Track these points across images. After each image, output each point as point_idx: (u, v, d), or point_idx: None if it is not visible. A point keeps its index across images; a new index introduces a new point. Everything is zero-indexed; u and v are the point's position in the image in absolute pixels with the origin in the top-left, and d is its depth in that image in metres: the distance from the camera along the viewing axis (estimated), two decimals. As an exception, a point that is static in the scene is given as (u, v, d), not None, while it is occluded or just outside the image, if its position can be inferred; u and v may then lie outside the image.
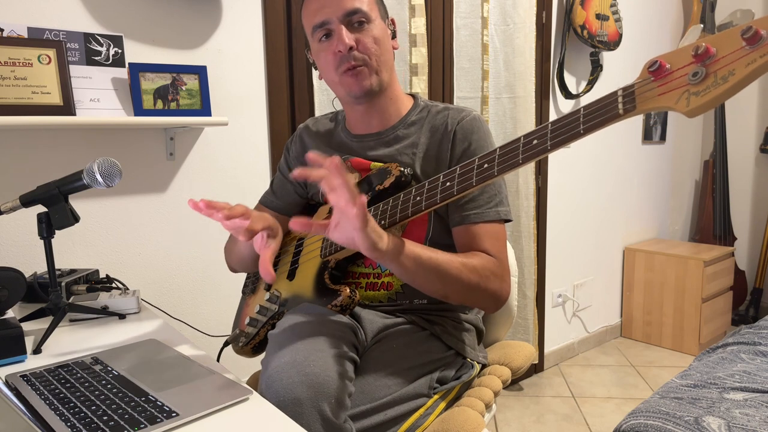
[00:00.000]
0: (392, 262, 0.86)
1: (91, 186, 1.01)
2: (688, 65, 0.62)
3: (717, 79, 0.59)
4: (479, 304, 0.99)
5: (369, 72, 1.00)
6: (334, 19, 0.98)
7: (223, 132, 1.64)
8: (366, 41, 0.99)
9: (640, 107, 0.65)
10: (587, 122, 0.69)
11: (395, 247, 0.85)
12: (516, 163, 0.76)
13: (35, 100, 1.25)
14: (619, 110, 0.66)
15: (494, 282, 0.96)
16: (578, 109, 0.71)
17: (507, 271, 1.00)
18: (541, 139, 0.73)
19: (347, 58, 0.98)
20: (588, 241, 2.91)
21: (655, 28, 3.10)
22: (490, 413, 1.05)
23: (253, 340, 1.09)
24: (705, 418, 1.11)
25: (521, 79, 2.30)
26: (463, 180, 0.83)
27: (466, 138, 1.02)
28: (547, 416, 2.28)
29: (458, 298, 0.96)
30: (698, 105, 0.60)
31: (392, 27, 1.07)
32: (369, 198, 1.00)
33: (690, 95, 0.61)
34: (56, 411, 0.68)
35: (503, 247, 1.00)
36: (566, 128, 0.71)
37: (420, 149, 1.04)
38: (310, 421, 0.77)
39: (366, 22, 0.99)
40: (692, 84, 0.61)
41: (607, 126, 0.68)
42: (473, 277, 0.93)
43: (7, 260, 1.34)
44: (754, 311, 3.30)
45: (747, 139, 3.39)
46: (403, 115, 1.08)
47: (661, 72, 0.64)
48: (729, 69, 0.58)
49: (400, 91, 1.10)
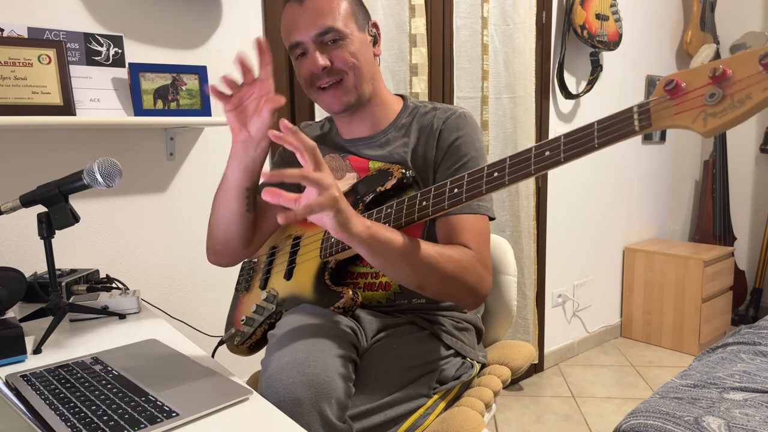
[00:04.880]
0: (361, 244, 0.83)
1: (91, 186, 1.01)
2: (705, 86, 0.62)
3: (734, 102, 0.60)
4: (456, 298, 0.96)
5: (346, 88, 1.00)
6: (307, 39, 0.97)
7: (223, 132, 1.64)
8: (342, 58, 0.98)
9: (656, 124, 0.66)
10: (602, 137, 0.69)
11: (366, 230, 0.82)
12: (528, 173, 0.76)
13: (35, 100, 1.25)
14: (635, 127, 0.67)
15: (472, 274, 0.92)
16: (592, 123, 0.71)
17: (486, 267, 0.96)
18: (554, 150, 0.73)
19: (321, 77, 0.99)
20: (588, 241, 2.91)
21: (655, 28, 3.10)
22: (490, 413, 1.05)
23: (250, 339, 1.09)
24: (705, 418, 1.11)
25: (521, 79, 2.30)
26: (473, 188, 0.82)
27: (452, 134, 1.01)
28: (547, 416, 2.28)
29: (434, 289, 0.92)
30: (716, 126, 0.61)
31: (374, 31, 1.06)
32: (370, 199, 1.00)
33: (707, 116, 0.62)
34: (56, 411, 0.68)
35: (484, 243, 0.97)
36: (580, 141, 0.71)
37: (409, 149, 1.04)
38: (310, 422, 0.77)
39: (340, 39, 0.98)
40: (709, 105, 0.62)
41: (622, 141, 0.69)
42: (449, 266, 0.90)
43: (7, 260, 1.34)
44: (754, 311, 3.31)
45: (747, 139, 3.39)
46: (393, 119, 1.08)
47: (678, 91, 0.64)
48: (746, 93, 0.59)
49: (387, 95, 1.09)
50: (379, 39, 1.07)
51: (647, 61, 3.08)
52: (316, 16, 0.96)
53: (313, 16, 0.97)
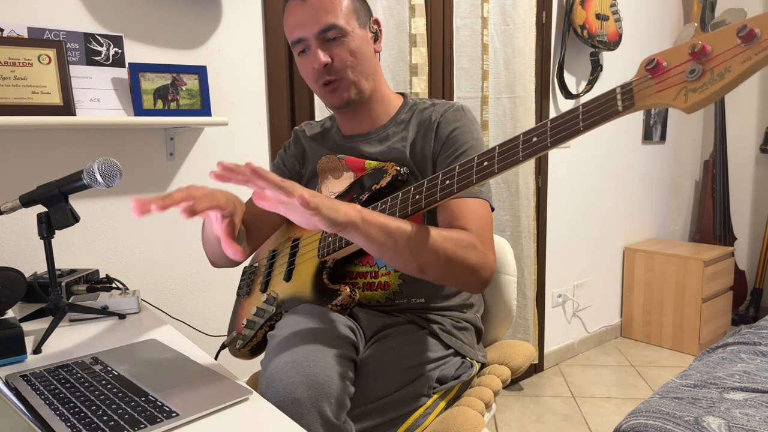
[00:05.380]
0: (357, 233, 0.80)
1: (91, 186, 1.01)
2: (685, 63, 0.63)
3: (714, 76, 0.60)
4: (460, 281, 0.92)
5: (346, 85, 1.01)
6: (309, 36, 0.98)
7: (223, 132, 1.64)
8: (342, 55, 0.99)
9: (639, 104, 0.66)
10: (586, 119, 0.70)
11: (357, 215, 0.80)
12: (516, 160, 0.76)
13: (35, 100, 1.25)
14: (618, 107, 0.67)
15: (472, 253, 0.89)
16: (577, 106, 0.71)
17: (489, 247, 0.93)
18: (541, 136, 0.73)
19: (323, 73, 1.00)
20: (588, 241, 2.91)
21: (655, 28, 3.10)
22: (489, 413, 1.05)
23: (251, 342, 1.09)
24: (705, 418, 1.11)
25: (521, 79, 2.30)
26: (463, 178, 0.82)
27: (450, 126, 1.02)
28: (547, 416, 2.28)
29: (435, 272, 0.89)
30: (696, 101, 0.61)
31: (375, 28, 1.06)
32: (366, 197, 1.00)
33: (688, 92, 0.62)
34: (56, 411, 0.68)
35: (486, 227, 0.95)
36: (566, 125, 0.71)
37: (408, 143, 1.05)
38: (310, 421, 0.77)
39: (342, 36, 0.98)
40: (689, 81, 0.62)
41: (606, 122, 0.69)
42: (449, 245, 0.87)
43: (7, 260, 1.34)
44: (754, 311, 3.30)
45: (747, 139, 3.39)
46: (393, 115, 1.09)
47: (659, 70, 0.65)
48: (725, 66, 0.60)
49: (387, 92, 1.10)
50: (380, 35, 1.07)
51: (647, 61, 3.08)
52: (318, 13, 0.97)
53: (314, 13, 0.97)
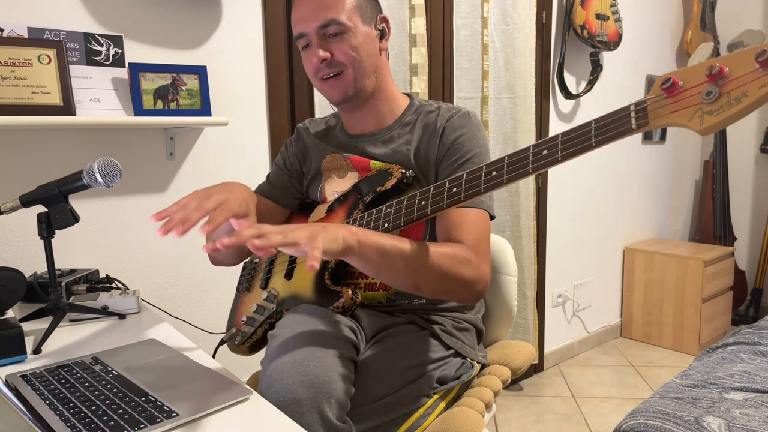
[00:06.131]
0: (353, 255, 0.83)
1: (91, 186, 1.01)
2: (702, 84, 0.63)
3: (730, 100, 0.60)
4: (454, 295, 0.94)
5: (346, 80, 1.01)
6: (310, 31, 0.99)
7: (223, 132, 1.64)
8: (342, 51, 0.99)
9: (653, 123, 0.66)
10: (599, 135, 0.69)
11: (353, 239, 0.82)
12: (526, 172, 0.76)
13: (35, 100, 1.25)
14: (632, 125, 0.67)
15: (468, 268, 0.91)
16: (590, 121, 0.71)
17: (484, 260, 0.95)
18: (552, 149, 0.73)
19: (322, 68, 1.01)
20: (588, 241, 2.91)
21: (655, 28, 3.10)
22: (490, 413, 1.05)
23: (250, 339, 1.09)
24: (705, 418, 1.11)
25: (521, 79, 2.30)
26: (471, 187, 0.82)
27: (455, 132, 1.02)
28: (547, 416, 2.28)
29: (430, 289, 0.91)
30: (712, 124, 0.61)
31: (382, 26, 1.06)
32: (369, 199, 1.00)
33: (704, 114, 0.62)
34: (56, 411, 0.68)
35: (482, 238, 0.96)
36: (577, 140, 0.71)
37: (412, 147, 1.05)
38: (310, 422, 0.77)
39: (343, 32, 0.99)
40: (705, 103, 0.62)
41: (619, 139, 0.69)
42: (444, 262, 0.89)
43: (7, 260, 1.34)
44: (754, 311, 3.30)
45: (747, 139, 3.39)
46: (399, 116, 1.09)
47: (674, 89, 0.64)
48: (742, 90, 0.59)
49: (394, 91, 1.10)
50: (387, 34, 1.07)
51: (647, 61, 3.08)
52: (320, 9, 0.98)
53: (316, 9, 0.98)
